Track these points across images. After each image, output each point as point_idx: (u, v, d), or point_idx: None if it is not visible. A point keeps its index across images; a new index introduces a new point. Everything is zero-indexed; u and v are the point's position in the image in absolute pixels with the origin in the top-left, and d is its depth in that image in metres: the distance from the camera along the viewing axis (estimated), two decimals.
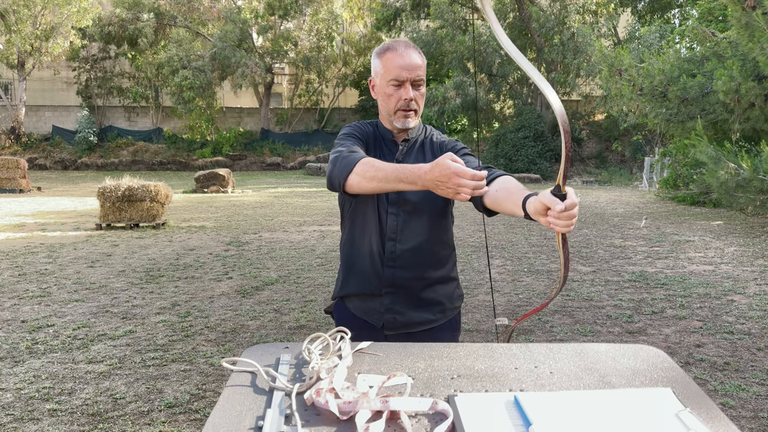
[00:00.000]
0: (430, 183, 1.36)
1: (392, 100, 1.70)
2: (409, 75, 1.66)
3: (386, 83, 1.69)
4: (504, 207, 1.47)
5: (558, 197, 1.20)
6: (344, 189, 1.57)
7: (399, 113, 1.71)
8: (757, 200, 5.40)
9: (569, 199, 1.19)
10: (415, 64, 1.66)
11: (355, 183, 1.53)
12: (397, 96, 1.69)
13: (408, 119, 1.71)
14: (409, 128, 1.74)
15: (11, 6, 24.55)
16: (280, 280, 6.08)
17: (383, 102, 1.74)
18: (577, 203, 1.20)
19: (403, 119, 1.71)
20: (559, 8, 21.96)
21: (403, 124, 1.72)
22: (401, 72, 1.66)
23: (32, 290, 5.58)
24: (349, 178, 1.54)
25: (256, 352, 1.18)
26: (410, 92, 1.68)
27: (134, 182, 9.78)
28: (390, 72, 1.67)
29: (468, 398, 0.97)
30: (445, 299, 1.80)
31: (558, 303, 5.21)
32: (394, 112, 1.71)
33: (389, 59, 1.68)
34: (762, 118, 6.39)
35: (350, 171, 1.53)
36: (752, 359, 3.82)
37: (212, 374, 3.57)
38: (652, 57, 8.11)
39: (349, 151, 1.61)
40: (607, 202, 14.43)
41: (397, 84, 1.68)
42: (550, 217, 1.22)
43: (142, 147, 28.14)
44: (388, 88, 1.69)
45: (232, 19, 27.26)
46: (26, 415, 3.00)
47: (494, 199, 1.50)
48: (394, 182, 1.45)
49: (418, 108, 1.71)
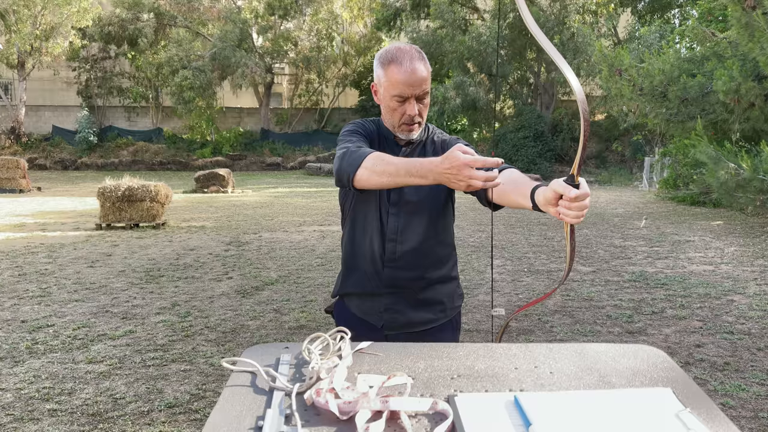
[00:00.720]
0: (441, 176, 1.33)
1: (396, 115, 1.67)
2: (415, 91, 1.62)
3: (390, 97, 1.65)
4: (510, 199, 1.44)
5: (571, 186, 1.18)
6: (353, 184, 1.53)
7: (403, 127, 1.69)
8: (757, 200, 5.40)
9: (582, 188, 1.17)
10: (420, 79, 1.61)
11: (365, 177, 1.49)
12: (401, 111, 1.66)
13: (412, 132, 1.70)
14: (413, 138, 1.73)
15: (11, 6, 24.54)
16: (280, 280, 6.08)
17: (387, 114, 1.71)
18: (589, 194, 1.18)
19: (407, 132, 1.70)
20: (559, 8, 21.96)
21: (407, 136, 1.71)
22: (405, 89, 1.61)
23: (32, 290, 5.58)
24: (358, 173, 1.50)
25: (256, 352, 1.18)
26: (414, 108, 1.64)
27: (134, 182, 9.78)
28: (394, 87, 1.62)
29: (468, 398, 0.97)
30: (446, 299, 1.80)
31: (558, 303, 5.22)
32: (398, 126, 1.69)
33: (394, 73, 1.61)
34: (762, 118, 6.39)
35: (359, 165, 1.50)
36: (752, 359, 3.82)
37: (212, 374, 3.57)
38: (652, 57, 8.10)
39: (357, 147, 1.58)
40: (607, 202, 14.43)
41: (401, 100, 1.64)
42: (561, 206, 1.20)
43: (142, 147, 28.13)
44: (392, 102, 1.65)
45: (232, 19, 27.26)
46: (26, 415, 3.00)
47: (500, 191, 1.46)
48: (405, 176, 1.42)
49: (422, 120, 1.69)
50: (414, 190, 1.71)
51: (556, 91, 24.05)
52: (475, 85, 23.09)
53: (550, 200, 1.22)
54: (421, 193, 1.71)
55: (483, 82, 23.51)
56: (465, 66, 22.57)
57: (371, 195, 1.72)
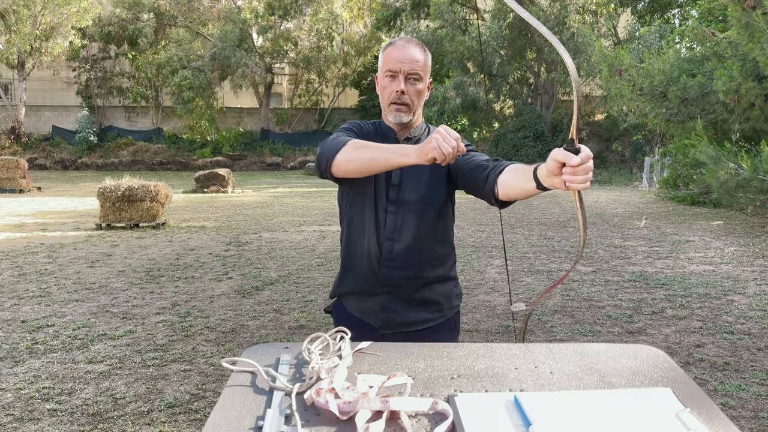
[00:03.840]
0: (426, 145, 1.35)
1: (386, 93, 1.69)
2: (403, 67, 1.64)
3: (383, 75, 1.69)
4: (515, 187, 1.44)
5: (572, 152, 1.16)
6: (331, 169, 1.54)
7: (392, 107, 1.68)
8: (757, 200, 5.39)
9: (583, 152, 1.15)
10: (411, 57, 1.65)
11: (344, 160, 1.51)
12: (390, 88, 1.67)
13: (400, 113, 1.68)
14: (402, 123, 1.71)
15: (11, 6, 24.54)
16: (280, 280, 6.08)
17: (380, 95, 1.73)
18: (591, 156, 1.16)
19: (395, 113, 1.68)
20: (559, 8, 21.96)
21: (396, 117, 1.69)
22: (395, 63, 1.65)
23: (32, 290, 5.58)
24: (336, 157, 1.52)
25: (256, 352, 1.18)
26: (401, 84, 1.65)
27: (134, 182, 9.78)
28: (386, 64, 1.67)
29: (468, 398, 0.97)
30: (443, 298, 1.78)
31: (558, 303, 5.22)
32: (387, 105, 1.70)
33: (389, 53, 1.68)
34: (762, 118, 6.38)
35: (338, 150, 1.52)
36: (752, 359, 3.82)
37: (212, 374, 3.57)
38: (652, 57, 8.10)
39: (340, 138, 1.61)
40: (607, 202, 14.43)
41: (392, 75, 1.66)
42: (566, 174, 1.17)
43: (142, 147, 28.15)
44: (384, 80, 1.69)
45: (232, 19, 27.26)
46: (26, 415, 3.00)
47: (504, 185, 1.47)
48: (387, 154, 1.44)
49: (411, 103, 1.68)
50: (413, 189, 1.70)
51: (556, 91, 24.05)
52: (474, 85, 23.10)
53: (553, 170, 1.20)
54: (420, 192, 1.70)
55: (483, 82, 23.49)
56: (465, 66, 22.57)
57: (368, 193, 1.71)
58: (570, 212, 12.08)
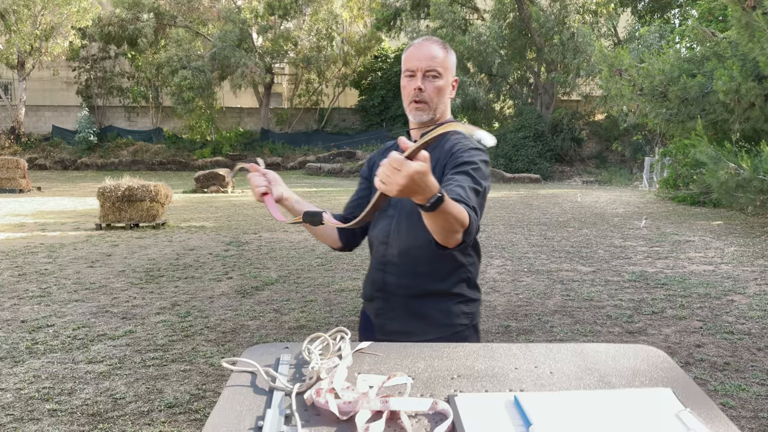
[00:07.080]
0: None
1: (405, 92, 1.67)
2: (420, 64, 1.62)
3: (403, 76, 1.68)
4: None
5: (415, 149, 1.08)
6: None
7: (411, 105, 1.65)
8: (757, 200, 5.39)
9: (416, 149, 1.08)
10: (429, 55, 1.62)
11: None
12: (409, 87, 1.65)
13: (419, 111, 1.64)
14: (422, 121, 1.66)
15: (11, 6, 24.54)
16: (280, 280, 6.08)
17: (403, 98, 1.71)
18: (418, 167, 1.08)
19: (414, 111, 1.65)
20: (559, 8, 21.97)
21: (415, 116, 1.66)
22: (413, 62, 1.63)
23: (32, 290, 5.58)
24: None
25: (256, 352, 1.18)
26: (419, 81, 1.62)
27: (134, 182, 9.78)
28: (405, 63, 1.66)
29: (468, 398, 0.97)
30: (441, 314, 1.66)
31: (558, 303, 5.22)
32: (408, 105, 1.67)
33: (407, 53, 1.67)
34: (762, 118, 6.38)
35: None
36: (752, 359, 3.82)
37: (212, 374, 3.57)
38: (652, 57, 8.09)
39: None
40: (607, 202, 14.43)
41: (411, 75, 1.65)
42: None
43: (142, 147, 28.13)
44: (404, 80, 1.67)
45: (232, 19, 27.25)
46: (26, 415, 3.00)
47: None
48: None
49: (430, 100, 1.64)
50: None
51: (556, 91, 24.05)
52: (475, 85, 23.10)
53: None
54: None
55: (483, 82, 23.51)
56: (465, 66, 22.58)
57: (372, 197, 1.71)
58: (570, 212, 12.08)
